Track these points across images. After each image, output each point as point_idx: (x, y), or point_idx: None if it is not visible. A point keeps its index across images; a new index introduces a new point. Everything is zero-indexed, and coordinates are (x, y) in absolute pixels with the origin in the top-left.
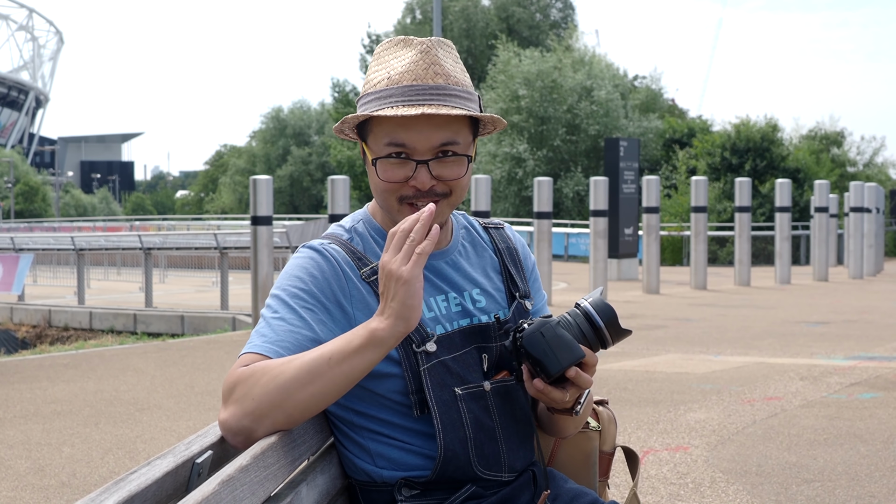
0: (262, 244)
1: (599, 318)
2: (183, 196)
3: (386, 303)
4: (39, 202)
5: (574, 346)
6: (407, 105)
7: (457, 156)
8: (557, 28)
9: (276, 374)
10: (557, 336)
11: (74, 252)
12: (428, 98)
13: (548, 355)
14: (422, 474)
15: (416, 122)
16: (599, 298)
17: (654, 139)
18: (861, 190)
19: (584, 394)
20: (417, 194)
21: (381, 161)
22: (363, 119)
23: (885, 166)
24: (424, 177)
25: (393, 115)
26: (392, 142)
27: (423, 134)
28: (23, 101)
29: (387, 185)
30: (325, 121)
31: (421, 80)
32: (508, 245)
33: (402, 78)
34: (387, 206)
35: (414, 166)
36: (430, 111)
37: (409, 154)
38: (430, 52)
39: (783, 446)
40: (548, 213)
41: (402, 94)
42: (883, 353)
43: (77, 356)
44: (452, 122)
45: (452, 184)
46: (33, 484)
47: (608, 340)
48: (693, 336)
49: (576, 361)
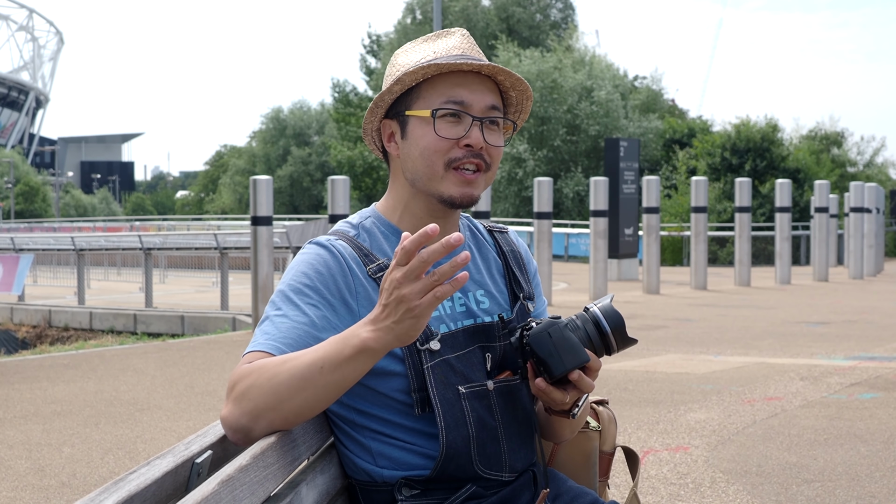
0: (263, 244)
1: (607, 325)
2: (183, 196)
3: (388, 318)
4: (39, 202)
5: (579, 349)
6: (472, 61)
7: (499, 123)
8: (557, 28)
9: (271, 375)
10: (564, 338)
11: (74, 252)
12: (482, 62)
13: (553, 356)
14: (422, 474)
15: (472, 80)
16: (609, 305)
17: (655, 139)
18: (861, 190)
19: (582, 397)
20: (468, 154)
21: (439, 118)
22: (408, 88)
23: (885, 166)
24: (478, 135)
25: (460, 64)
26: (450, 99)
27: (479, 93)
28: (23, 101)
29: (439, 144)
30: (325, 121)
31: (469, 53)
32: (512, 249)
33: (451, 51)
34: (429, 173)
35: (469, 124)
36: (493, 64)
37: (467, 111)
38: (470, 38)
39: (783, 446)
40: (548, 213)
41: (457, 59)
42: (883, 354)
43: (77, 356)
44: (496, 92)
45: (494, 153)
46: (33, 484)
47: (613, 347)
48: (693, 336)
49: (580, 365)
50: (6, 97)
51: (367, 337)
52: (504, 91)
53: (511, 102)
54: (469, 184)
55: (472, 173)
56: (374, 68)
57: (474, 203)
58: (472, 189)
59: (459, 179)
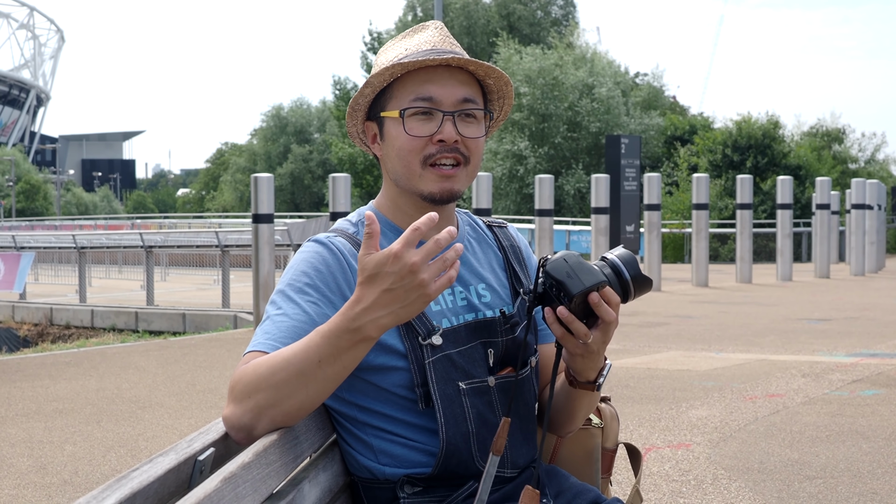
0: (264, 242)
1: (626, 269)
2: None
3: (394, 303)
4: (41, 200)
5: (596, 272)
6: (435, 55)
7: (476, 115)
8: (558, 25)
9: (270, 372)
10: (580, 263)
11: (76, 250)
12: (451, 55)
13: (570, 277)
14: (424, 471)
15: (441, 75)
16: (626, 251)
17: (656, 136)
18: (862, 187)
19: (606, 366)
20: (442, 150)
21: (408, 117)
22: (381, 88)
23: (886, 163)
24: (451, 129)
25: (423, 62)
26: (419, 96)
27: (448, 87)
28: (24, 99)
29: (412, 143)
30: (325, 118)
31: (440, 46)
32: (512, 243)
33: (421, 46)
34: (407, 172)
35: (440, 119)
36: (459, 56)
37: (436, 107)
38: (444, 30)
39: (785, 443)
40: (549, 210)
41: (425, 55)
42: (885, 350)
43: (79, 354)
44: (472, 83)
45: (472, 146)
46: (35, 482)
47: (631, 292)
48: (695, 333)
49: (597, 284)
50: (7, 95)
51: (367, 326)
52: (481, 80)
53: (491, 90)
54: (448, 178)
55: (450, 168)
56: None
57: (456, 197)
58: (451, 184)
59: (437, 175)
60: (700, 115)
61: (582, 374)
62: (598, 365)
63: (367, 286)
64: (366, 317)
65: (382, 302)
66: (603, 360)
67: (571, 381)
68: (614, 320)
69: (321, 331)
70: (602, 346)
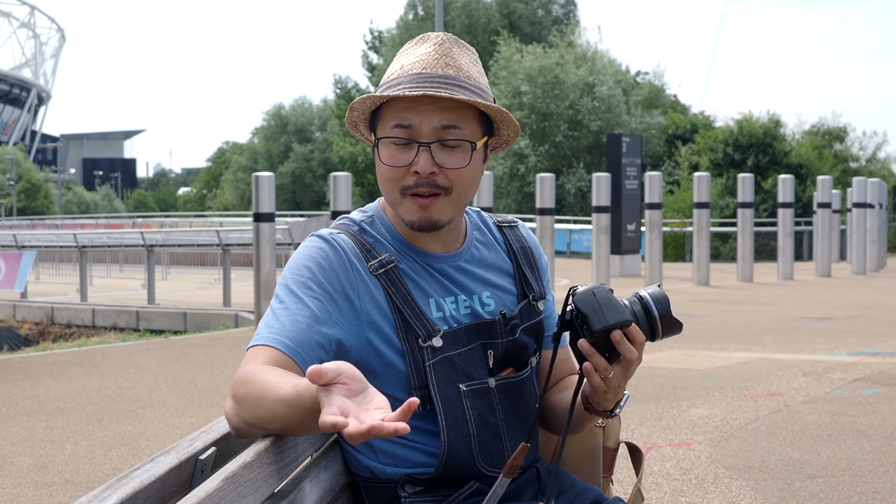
0: (265, 241)
1: (655, 308)
2: (185, 193)
3: None
4: (42, 199)
5: (623, 309)
6: (413, 89)
7: (458, 142)
8: (559, 24)
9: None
10: (608, 298)
11: (77, 249)
12: (435, 85)
13: (595, 311)
14: (425, 471)
15: (421, 103)
16: (659, 290)
17: (657, 135)
18: (864, 185)
19: (623, 398)
20: (419, 182)
21: (385, 144)
22: (375, 109)
23: (887, 162)
24: (426, 161)
25: (397, 94)
26: (399, 123)
27: (426, 115)
28: (25, 98)
29: (390, 172)
30: (327, 117)
31: (430, 69)
32: (523, 245)
33: (412, 67)
34: (391, 199)
35: (416, 150)
36: (431, 92)
37: (414, 138)
38: (443, 45)
39: (786, 442)
40: (550, 209)
41: (410, 81)
42: (886, 349)
43: (80, 353)
44: (459, 108)
45: (453, 176)
46: (36, 481)
47: (659, 332)
48: (696, 332)
49: (621, 323)
50: (8, 94)
51: None
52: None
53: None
54: (425, 209)
55: (426, 198)
56: (376, 64)
57: (438, 227)
58: (429, 213)
59: (415, 205)
60: (701, 113)
61: (599, 405)
62: (616, 397)
63: None
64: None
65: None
66: (622, 392)
67: (588, 407)
68: (636, 359)
69: (303, 402)
70: (623, 380)
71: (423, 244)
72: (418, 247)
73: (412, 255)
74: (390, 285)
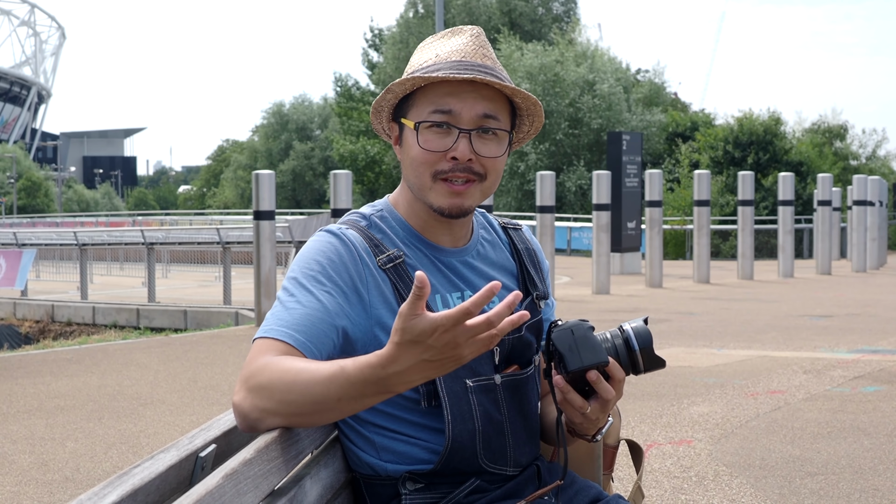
0: (265, 239)
1: (636, 342)
2: (185, 191)
3: (430, 370)
4: (42, 197)
5: (600, 349)
6: (456, 72)
7: (497, 133)
8: (560, 22)
9: (286, 388)
10: (586, 337)
11: (77, 247)
12: (477, 71)
13: (572, 351)
14: (427, 468)
15: (463, 90)
16: (641, 324)
17: (657, 133)
18: (864, 183)
19: (606, 424)
20: (455, 168)
21: (424, 129)
22: (408, 93)
23: (887, 159)
24: (465, 148)
25: (444, 77)
26: (438, 108)
27: (469, 102)
28: (25, 96)
29: (425, 156)
30: (327, 115)
31: (470, 58)
32: (527, 246)
33: (451, 55)
34: (419, 183)
35: (456, 136)
36: (481, 77)
37: (454, 123)
38: (479, 37)
39: (787, 440)
40: (550, 207)
41: (450, 67)
42: (886, 347)
43: (80, 351)
44: (497, 99)
45: (489, 164)
46: (37, 479)
47: (640, 366)
48: (696, 330)
49: (597, 363)
50: (8, 92)
51: (398, 386)
52: (509, 96)
53: (520, 107)
54: (458, 195)
55: (461, 184)
56: (377, 62)
57: (466, 213)
58: (461, 200)
59: (447, 191)
60: (701, 111)
61: (580, 431)
62: (598, 425)
63: (405, 349)
64: (398, 378)
65: (418, 368)
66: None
67: (570, 430)
68: (613, 398)
69: (348, 374)
70: (602, 415)
71: (433, 237)
72: (429, 239)
73: (422, 247)
74: (398, 280)
